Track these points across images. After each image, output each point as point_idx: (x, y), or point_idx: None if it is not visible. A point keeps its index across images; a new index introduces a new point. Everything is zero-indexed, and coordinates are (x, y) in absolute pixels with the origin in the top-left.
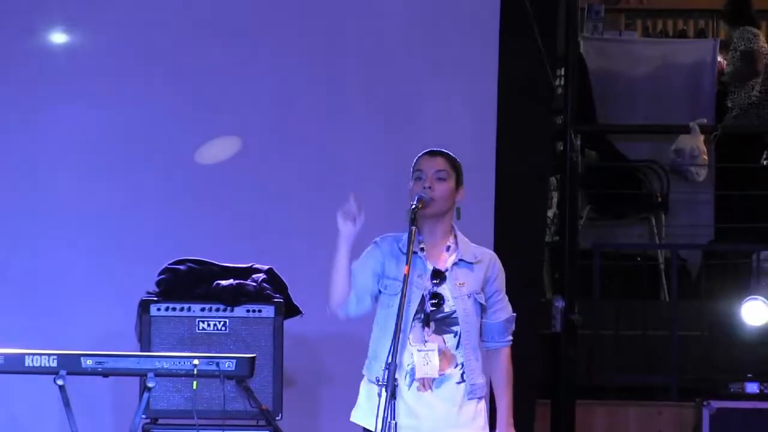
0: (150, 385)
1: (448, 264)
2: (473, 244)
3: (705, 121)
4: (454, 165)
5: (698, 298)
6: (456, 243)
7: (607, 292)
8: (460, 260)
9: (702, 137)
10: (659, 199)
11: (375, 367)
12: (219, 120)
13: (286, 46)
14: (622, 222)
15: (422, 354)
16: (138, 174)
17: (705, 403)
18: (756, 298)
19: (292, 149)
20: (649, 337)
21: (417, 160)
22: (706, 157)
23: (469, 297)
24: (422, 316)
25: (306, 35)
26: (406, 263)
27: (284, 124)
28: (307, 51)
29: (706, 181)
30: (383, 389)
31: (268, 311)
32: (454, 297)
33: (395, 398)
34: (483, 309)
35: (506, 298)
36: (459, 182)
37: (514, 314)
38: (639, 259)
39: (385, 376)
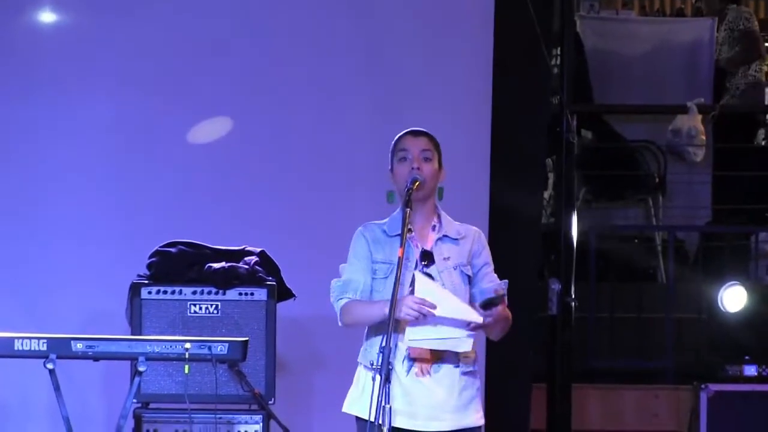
0: (141, 369)
1: (433, 241)
2: (457, 222)
3: (703, 100)
4: (436, 145)
5: (696, 280)
6: (440, 221)
7: (603, 275)
8: (444, 236)
9: (700, 117)
10: (656, 180)
11: (371, 351)
12: (209, 103)
13: (279, 31)
14: (619, 204)
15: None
16: (129, 158)
17: (702, 386)
18: (735, 284)
19: (284, 131)
20: (646, 320)
21: (399, 139)
22: (704, 137)
23: (455, 269)
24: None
25: (299, 17)
26: (401, 245)
27: (277, 106)
28: (300, 33)
29: (703, 162)
30: (377, 373)
31: (260, 294)
32: (440, 272)
33: (390, 382)
34: (471, 281)
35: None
36: (440, 162)
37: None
38: (636, 241)
39: (379, 360)
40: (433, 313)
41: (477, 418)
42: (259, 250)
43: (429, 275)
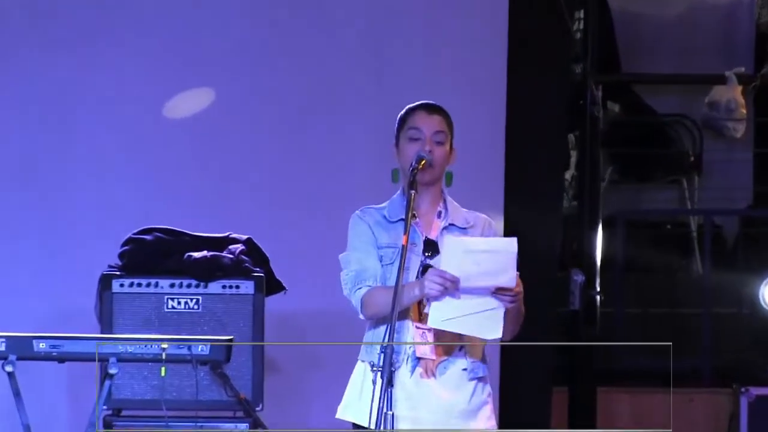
0: (112, 371)
1: (438, 230)
2: (464, 209)
3: (743, 69)
4: (450, 124)
5: (735, 270)
6: (446, 208)
7: (631, 265)
8: (451, 225)
9: (740, 88)
10: (691, 159)
11: (375, 348)
12: (193, 77)
13: (280, 15)
14: (650, 185)
15: (420, 332)
16: (99, 136)
17: (743, 389)
18: None
19: (276, 108)
20: (680, 315)
21: (411, 113)
22: (744, 110)
23: None
24: None
25: None
26: (405, 232)
27: (268, 81)
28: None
29: (744, 138)
30: (378, 375)
31: (246, 287)
32: None
33: (392, 386)
34: None
35: None
36: (452, 144)
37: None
38: (668, 226)
39: (381, 361)
40: (457, 286)
41: (488, 426)
42: (245, 237)
43: (430, 267)
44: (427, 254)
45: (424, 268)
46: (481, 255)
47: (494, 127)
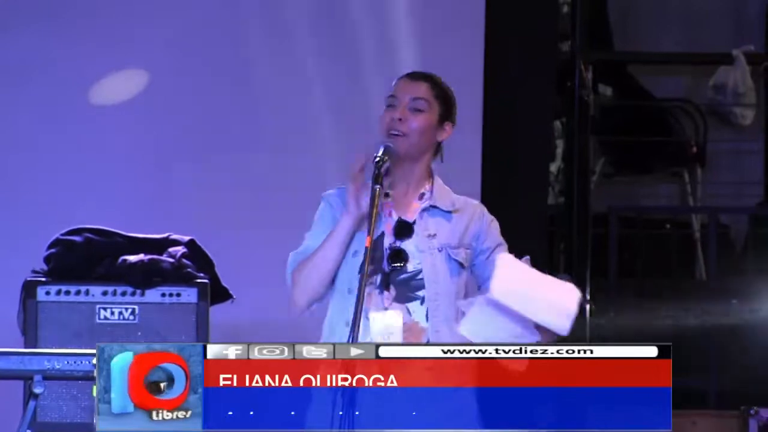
0: (37, 391)
1: (418, 212)
2: (455, 195)
3: (752, 48)
4: (441, 93)
5: (744, 275)
6: (431, 190)
7: (627, 269)
8: (432, 206)
9: (748, 69)
10: (694, 149)
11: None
12: (124, 58)
13: None
14: (647, 179)
15: (382, 324)
16: (25, 125)
17: (752, 411)
18: None
19: (224, 81)
20: (681, 327)
21: (395, 83)
22: (754, 94)
23: (440, 251)
24: (380, 277)
25: None
26: (368, 233)
27: (230, 66)
28: None
29: (753, 126)
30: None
31: (189, 295)
32: (420, 251)
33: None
34: (464, 268)
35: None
36: (446, 116)
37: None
38: (668, 226)
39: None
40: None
41: None
42: (187, 239)
43: (402, 251)
44: (399, 236)
45: (393, 253)
46: (538, 287)
47: (469, 113)
